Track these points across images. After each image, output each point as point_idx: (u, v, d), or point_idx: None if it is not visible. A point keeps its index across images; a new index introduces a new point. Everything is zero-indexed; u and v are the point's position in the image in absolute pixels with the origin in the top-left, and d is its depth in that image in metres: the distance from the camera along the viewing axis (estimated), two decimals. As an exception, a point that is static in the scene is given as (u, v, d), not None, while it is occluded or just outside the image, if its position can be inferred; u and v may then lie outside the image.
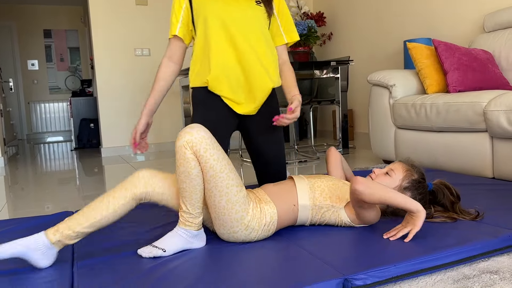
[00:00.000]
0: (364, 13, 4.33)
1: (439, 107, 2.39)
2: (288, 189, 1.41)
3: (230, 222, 1.29)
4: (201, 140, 1.23)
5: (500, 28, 2.84)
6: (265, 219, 1.33)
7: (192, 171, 1.23)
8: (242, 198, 1.29)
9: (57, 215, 1.79)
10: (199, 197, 1.26)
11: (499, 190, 1.83)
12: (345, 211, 1.39)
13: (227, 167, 1.27)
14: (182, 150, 1.22)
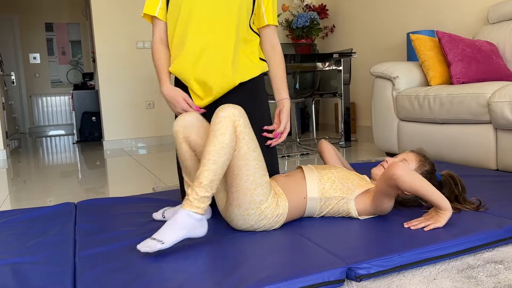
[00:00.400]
0: (366, 5, 4.30)
1: (443, 98, 2.37)
2: (298, 181, 1.41)
3: (248, 203, 1.27)
4: (244, 116, 1.25)
5: (505, 19, 2.81)
6: (278, 210, 1.34)
7: (230, 144, 1.21)
8: (266, 183, 1.30)
9: (59, 206, 1.79)
10: (221, 176, 1.22)
11: (503, 182, 1.82)
12: (354, 203, 1.39)
13: (258, 149, 1.29)
14: (227, 121, 1.21)
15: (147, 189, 2.37)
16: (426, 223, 1.28)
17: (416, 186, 1.26)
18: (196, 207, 1.19)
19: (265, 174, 1.30)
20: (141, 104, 4.58)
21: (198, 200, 1.19)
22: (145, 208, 1.72)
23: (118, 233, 1.40)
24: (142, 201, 1.85)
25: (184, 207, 1.19)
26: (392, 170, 1.26)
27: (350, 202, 1.39)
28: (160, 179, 2.63)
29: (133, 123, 4.56)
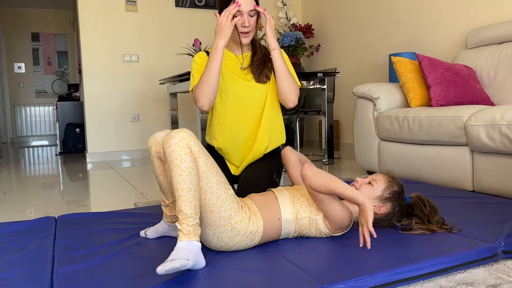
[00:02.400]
0: (351, 26, 4.40)
1: (422, 120, 2.44)
2: (271, 202, 1.43)
3: (218, 220, 1.28)
4: (193, 136, 1.26)
5: (482, 44, 2.91)
6: (252, 227, 1.34)
7: (193, 165, 1.22)
8: (231, 197, 1.31)
9: (39, 220, 1.78)
10: (199, 197, 1.24)
11: (478, 203, 1.87)
12: (323, 221, 1.41)
13: (215, 165, 1.31)
14: (181, 146, 1.21)
15: (129, 203, 2.36)
16: (365, 231, 1.29)
17: (324, 181, 1.29)
18: (194, 236, 1.18)
19: (228, 188, 1.32)
20: (126, 116, 4.57)
21: (193, 230, 1.18)
22: (126, 224, 1.72)
23: (97, 249, 1.40)
24: (124, 216, 1.84)
25: (182, 239, 1.17)
26: (301, 171, 1.32)
27: (319, 221, 1.41)
28: (143, 193, 2.63)
29: (117, 135, 4.55)
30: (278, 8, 5.12)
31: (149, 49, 4.61)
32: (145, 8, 4.56)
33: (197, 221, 1.20)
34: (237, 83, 1.80)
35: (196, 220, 1.19)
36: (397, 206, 1.47)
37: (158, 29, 4.63)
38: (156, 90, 4.67)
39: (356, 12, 4.31)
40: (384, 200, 1.46)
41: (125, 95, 4.55)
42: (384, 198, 1.46)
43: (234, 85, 1.80)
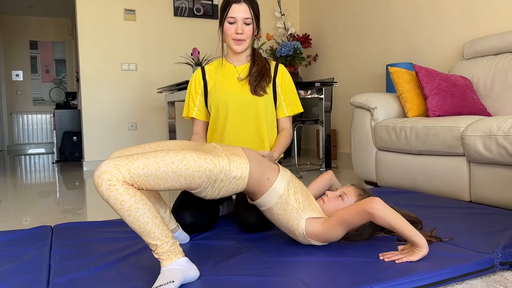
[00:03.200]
0: (349, 36, 4.43)
1: (419, 130, 2.45)
2: (270, 167, 1.43)
3: (202, 182, 1.25)
4: (118, 167, 1.11)
5: (479, 55, 2.93)
6: (235, 172, 1.31)
7: (136, 198, 1.12)
8: (193, 162, 1.22)
9: (35, 229, 1.77)
10: (161, 222, 1.16)
11: (475, 214, 1.88)
12: (306, 222, 1.39)
13: (158, 159, 1.18)
14: (112, 190, 1.09)
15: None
16: (399, 255, 1.31)
17: (391, 221, 1.28)
18: (174, 255, 1.16)
19: (182, 158, 1.21)
20: (123, 125, 4.57)
21: (171, 251, 1.16)
22: (122, 233, 1.72)
23: (94, 259, 1.39)
24: (120, 225, 1.84)
25: (164, 264, 1.15)
26: (371, 204, 1.28)
27: (301, 220, 1.39)
28: (140, 202, 2.61)
29: (114, 144, 4.54)
30: (276, 18, 5.15)
31: (147, 58, 4.62)
32: (144, 17, 4.58)
33: (170, 240, 1.16)
34: (232, 95, 1.80)
35: (169, 241, 1.16)
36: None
37: (156, 38, 4.65)
38: (154, 98, 4.67)
39: (354, 22, 4.34)
40: None
41: (123, 103, 4.55)
42: None
43: (229, 96, 1.80)
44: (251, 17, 1.74)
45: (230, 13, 1.72)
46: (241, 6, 1.72)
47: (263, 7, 5.11)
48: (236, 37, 1.74)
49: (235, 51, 1.78)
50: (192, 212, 1.63)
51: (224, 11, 1.74)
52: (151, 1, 4.61)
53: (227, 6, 1.73)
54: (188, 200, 1.67)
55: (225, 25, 1.74)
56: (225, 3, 1.74)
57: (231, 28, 1.74)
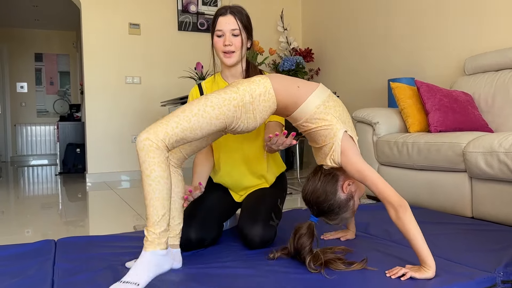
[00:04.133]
0: (350, 51, 4.47)
1: (421, 146, 2.46)
2: (300, 80, 1.43)
3: (232, 113, 1.31)
4: (157, 132, 1.21)
5: (480, 71, 2.96)
6: (258, 89, 1.33)
7: (163, 173, 1.22)
8: (216, 99, 1.29)
9: (38, 243, 1.77)
10: (169, 203, 1.26)
11: (477, 231, 1.88)
12: (344, 135, 1.37)
13: (186, 112, 1.26)
14: (150, 156, 1.20)
15: (128, 225, 2.36)
16: (404, 271, 1.30)
17: (411, 229, 1.27)
18: (158, 245, 1.24)
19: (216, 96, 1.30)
20: (126, 137, 4.59)
21: (158, 238, 1.23)
22: (126, 248, 1.72)
23: (97, 274, 1.39)
24: (123, 240, 1.84)
25: (147, 249, 1.23)
26: (403, 202, 1.28)
27: (340, 130, 1.37)
28: (142, 216, 2.62)
29: (117, 156, 4.56)
30: (279, 33, 5.21)
31: (152, 71, 4.66)
32: (148, 32, 4.64)
33: (163, 228, 1.24)
34: None
35: (162, 228, 1.24)
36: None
37: (160, 52, 4.70)
38: (157, 111, 4.70)
39: (355, 36, 4.38)
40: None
41: (126, 116, 4.59)
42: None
43: None
44: (239, 28, 1.69)
45: (217, 26, 1.70)
46: (227, 18, 1.69)
47: (265, 22, 5.17)
48: (225, 49, 1.70)
49: (225, 64, 1.74)
50: (198, 229, 1.64)
51: (213, 25, 1.72)
52: (156, 16, 4.67)
53: (215, 19, 1.71)
54: (193, 217, 1.68)
55: (214, 39, 1.72)
56: (213, 17, 1.73)
57: (219, 41, 1.70)
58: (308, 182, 1.44)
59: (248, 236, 1.62)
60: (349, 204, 1.42)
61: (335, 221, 1.44)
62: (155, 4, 4.67)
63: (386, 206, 1.32)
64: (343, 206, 1.41)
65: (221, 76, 1.84)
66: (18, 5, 6.77)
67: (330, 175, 1.41)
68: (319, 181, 1.40)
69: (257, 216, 1.65)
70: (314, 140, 1.45)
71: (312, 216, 1.44)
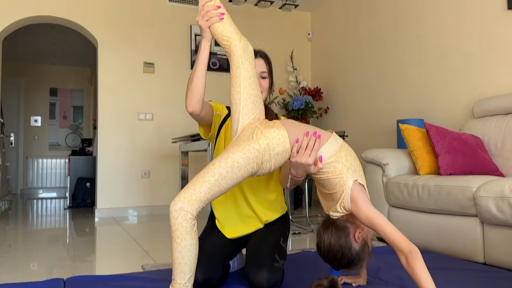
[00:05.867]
0: (359, 91, 4.53)
1: (431, 189, 2.45)
2: (315, 129, 1.46)
3: (253, 168, 1.38)
4: (192, 202, 1.29)
5: (489, 114, 2.98)
6: (277, 149, 1.40)
7: (193, 242, 1.31)
8: (241, 159, 1.35)
9: (48, 282, 1.77)
10: (194, 267, 1.34)
11: (490, 278, 1.84)
12: (353, 184, 1.39)
13: (216, 176, 1.33)
14: (183, 225, 1.29)
15: (135, 262, 2.35)
16: None
17: (421, 280, 1.26)
18: None
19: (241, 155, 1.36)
20: (136, 172, 4.63)
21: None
22: None
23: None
24: (132, 280, 1.84)
25: None
26: (414, 249, 1.28)
27: (350, 179, 1.40)
28: (149, 253, 2.61)
29: (127, 191, 4.59)
30: (289, 72, 5.31)
31: (164, 108, 4.76)
32: (162, 70, 4.76)
33: (189, 286, 1.33)
34: None
35: (188, 287, 1.33)
36: None
37: (173, 90, 4.80)
38: (168, 148, 4.76)
39: (364, 77, 4.45)
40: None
41: (138, 151, 4.64)
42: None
43: None
44: (267, 71, 1.79)
45: None
46: (258, 61, 1.78)
47: (276, 62, 5.28)
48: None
49: None
50: (203, 269, 1.63)
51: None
52: (170, 56, 4.81)
53: None
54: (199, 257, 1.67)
55: None
56: None
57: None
58: (321, 239, 1.43)
59: (255, 282, 1.61)
60: (365, 249, 1.42)
61: (357, 269, 1.44)
62: (170, 44, 4.82)
63: (397, 252, 1.31)
64: (361, 254, 1.41)
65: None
66: (37, 42, 7.01)
67: (341, 229, 1.41)
68: (332, 237, 1.40)
69: (261, 261, 1.65)
70: (324, 187, 1.48)
71: (333, 270, 1.45)
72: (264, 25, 5.28)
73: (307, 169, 1.43)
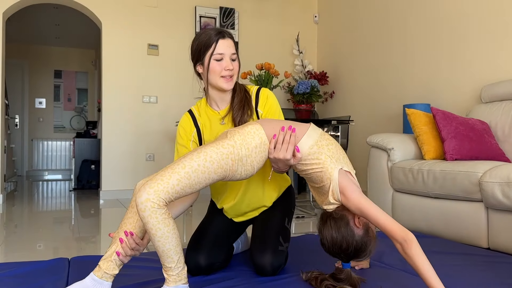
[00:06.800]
0: (365, 75, 4.48)
1: (436, 174, 2.44)
2: (292, 122, 1.44)
3: (230, 166, 1.34)
4: (158, 192, 1.23)
5: (497, 99, 2.94)
6: (254, 142, 1.37)
7: (169, 228, 1.26)
8: (215, 154, 1.32)
9: (52, 261, 1.79)
10: (180, 250, 1.31)
11: (494, 263, 1.84)
12: (339, 173, 1.38)
13: (186, 168, 1.28)
14: (153, 217, 1.22)
15: (140, 246, 2.37)
16: None
17: (419, 266, 1.25)
18: (179, 280, 1.31)
19: (215, 150, 1.33)
20: (141, 155, 4.64)
21: (177, 276, 1.31)
22: (138, 269, 1.73)
23: (109, 295, 1.40)
24: (135, 260, 1.85)
25: (169, 285, 1.30)
26: (408, 236, 1.25)
27: (335, 170, 1.38)
28: (154, 235, 2.63)
29: (131, 174, 4.60)
30: (294, 56, 5.26)
31: (168, 91, 4.74)
32: (166, 52, 4.73)
33: (180, 268, 1.31)
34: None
35: (179, 269, 1.31)
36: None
37: (177, 73, 4.77)
38: (172, 131, 4.76)
39: (371, 61, 4.40)
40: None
41: (142, 134, 4.64)
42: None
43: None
44: (236, 53, 1.66)
45: (217, 49, 1.59)
46: (228, 41, 1.62)
47: (282, 45, 5.24)
48: (226, 73, 1.62)
49: (225, 89, 1.64)
50: (207, 254, 1.63)
51: (208, 48, 1.60)
52: (174, 38, 4.76)
53: (212, 42, 1.60)
54: (202, 241, 1.68)
55: (212, 63, 1.61)
56: (207, 40, 1.61)
57: (219, 65, 1.60)
58: (322, 234, 1.42)
59: (259, 264, 1.61)
60: (369, 234, 1.41)
61: (366, 256, 1.43)
62: (174, 26, 4.77)
63: (392, 240, 1.30)
64: (366, 240, 1.39)
65: (207, 103, 1.76)
66: (40, 24, 6.97)
67: (339, 219, 1.39)
68: (333, 230, 1.38)
69: (265, 244, 1.64)
70: (312, 181, 1.46)
71: (344, 263, 1.43)
72: (271, 7, 5.21)
73: (287, 163, 1.42)
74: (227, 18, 4.95)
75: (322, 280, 1.43)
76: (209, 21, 4.86)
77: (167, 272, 1.30)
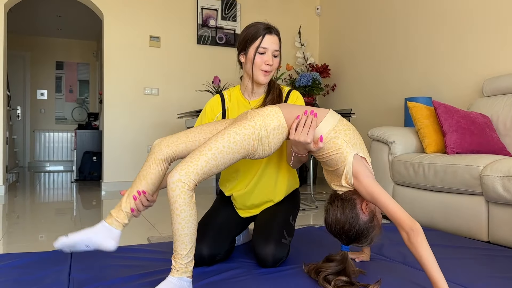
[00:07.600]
0: (367, 68, 4.47)
1: (437, 167, 2.44)
2: (309, 107, 1.47)
3: (251, 146, 1.40)
4: (188, 173, 1.28)
5: (498, 93, 2.93)
6: (273, 124, 1.42)
7: (192, 212, 1.30)
8: (238, 135, 1.37)
9: (54, 252, 1.80)
10: (195, 240, 1.33)
11: (494, 256, 1.85)
12: (354, 158, 1.40)
13: (213, 150, 1.33)
14: (182, 197, 1.27)
15: (142, 235, 2.38)
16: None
17: (423, 257, 1.25)
18: (185, 273, 1.31)
19: (238, 131, 1.38)
20: (142, 147, 4.65)
21: (185, 267, 1.31)
22: (141, 260, 1.74)
23: (112, 286, 1.41)
24: (138, 251, 1.86)
25: (174, 275, 1.30)
26: (415, 226, 1.26)
27: (350, 154, 1.40)
28: (155, 226, 2.65)
29: (133, 166, 4.61)
30: (296, 48, 5.25)
31: (170, 83, 4.73)
32: (168, 44, 4.72)
33: (190, 259, 1.32)
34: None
35: (189, 259, 1.32)
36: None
37: (179, 65, 4.76)
38: (173, 123, 4.76)
39: (373, 54, 4.39)
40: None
41: (143, 126, 4.65)
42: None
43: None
44: (279, 50, 1.73)
45: (263, 44, 1.68)
46: (274, 38, 1.70)
47: (283, 37, 5.22)
48: (265, 68, 1.70)
49: (260, 82, 1.72)
50: (210, 245, 1.65)
51: (254, 40, 1.68)
52: (176, 29, 4.75)
53: (258, 35, 1.68)
54: (205, 233, 1.69)
55: (256, 55, 1.68)
56: (255, 32, 1.69)
57: (261, 58, 1.69)
58: (328, 213, 1.44)
59: (261, 255, 1.63)
60: (374, 222, 1.41)
61: (367, 243, 1.44)
62: (176, 18, 4.76)
63: (398, 229, 1.31)
64: (370, 226, 1.40)
65: (241, 91, 1.83)
66: (42, 15, 6.95)
67: (347, 201, 1.41)
68: (338, 210, 1.40)
69: (269, 235, 1.65)
70: (327, 164, 1.48)
71: (343, 245, 1.45)
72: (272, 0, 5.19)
73: (306, 147, 1.45)
74: (229, 10, 4.92)
75: (318, 272, 1.44)
76: (210, 13, 4.85)
77: (177, 259, 1.31)
